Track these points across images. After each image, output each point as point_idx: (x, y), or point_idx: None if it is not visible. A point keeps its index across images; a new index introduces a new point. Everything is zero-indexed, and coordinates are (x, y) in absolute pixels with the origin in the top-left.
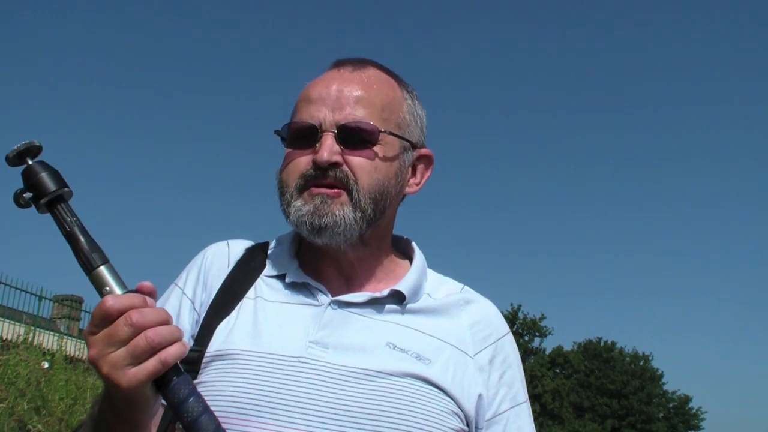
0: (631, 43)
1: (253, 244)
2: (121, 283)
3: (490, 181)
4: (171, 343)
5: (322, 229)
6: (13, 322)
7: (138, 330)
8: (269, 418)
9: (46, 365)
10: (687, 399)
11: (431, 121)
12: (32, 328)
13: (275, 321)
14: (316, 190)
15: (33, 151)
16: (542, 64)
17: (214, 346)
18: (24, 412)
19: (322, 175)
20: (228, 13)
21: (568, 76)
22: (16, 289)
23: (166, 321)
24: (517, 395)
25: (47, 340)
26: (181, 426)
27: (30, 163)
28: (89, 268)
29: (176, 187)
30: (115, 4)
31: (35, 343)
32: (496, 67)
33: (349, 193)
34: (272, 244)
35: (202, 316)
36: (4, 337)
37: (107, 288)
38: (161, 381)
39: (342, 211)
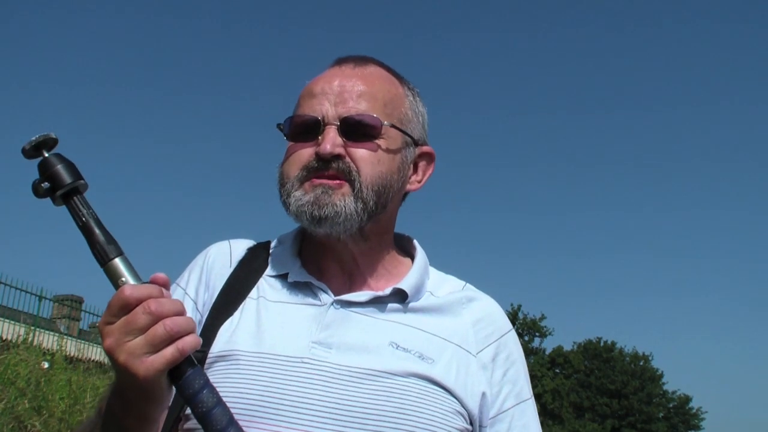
0: (631, 43)
1: (255, 243)
2: (136, 275)
3: (490, 181)
4: (187, 333)
5: (322, 220)
6: (13, 322)
7: (156, 318)
8: (272, 419)
9: (46, 365)
10: (687, 399)
11: (432, 120)
12: (32, 328)
13: (278, 321)
14: (317, 181)
15: (49, 143)
16: (542, 64)
17: (218, 346)
18: (24, 412)
19: (324, 167)
20: (228, 13)
21: (569, 76)
22: (16, 289)
23: (181, 312)
24: (522, 392)
25: (47, 340)
26: (193, 418)
27: (46, 155)
28: (104, 260)
29: (177, 187)
30: (116, 4)
31: (35, 343)
32: (496, 67)
33: (351, 184)
34: (274, 243)
35: (205, 317)
36: (4, 337)
37: (123, 279)
38: (176, 372)
39: (343, 202)
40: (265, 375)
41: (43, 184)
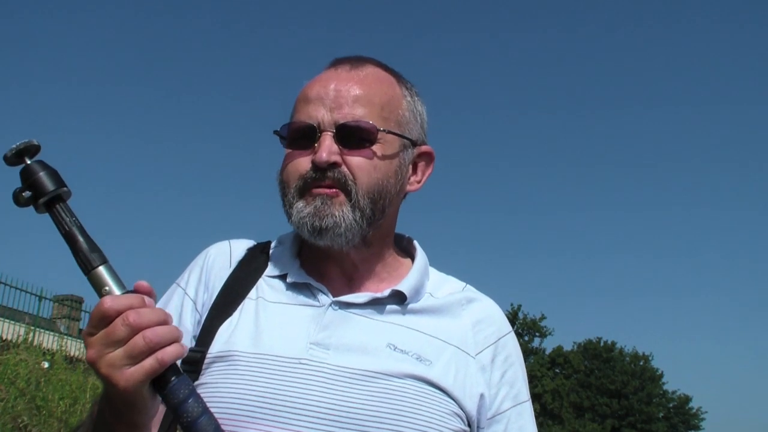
0: (631, 42)
1: (255, 243)
2: (120, 284)
3: (490, 181)
4: (169, 343)
5: (323, 231)
6: (13, 322)
7: (135, 330)
8: (269, 421)
9: (46, 365)
10: (687, 399)
11: (432, 119)
12: (32, 328)
13: (276, 322)
14: (316, 191)
15: (31, 150)
16: (542, 63)
17: (216, 347)
18: (24, 412)
19: (321, 176)
20: (228, 13)
21: (569, 75)
22: (16, 289)
23: (164, 321)
24: (519, 394)
25: (47, 340)
26: (180, 427)
27: (28, 162)
28: (88, 269)
29: (177, 187)
30: (116, 4)
31: (35, 343)
32: (497, 67)
33: (348, 193)
34: (274, 244)
35: (204, 317)
36: (4, 337)
37: (106, 288)
38: (160, 382)
39: (341, 212)
40: (262, 376)
41: (24, 193)
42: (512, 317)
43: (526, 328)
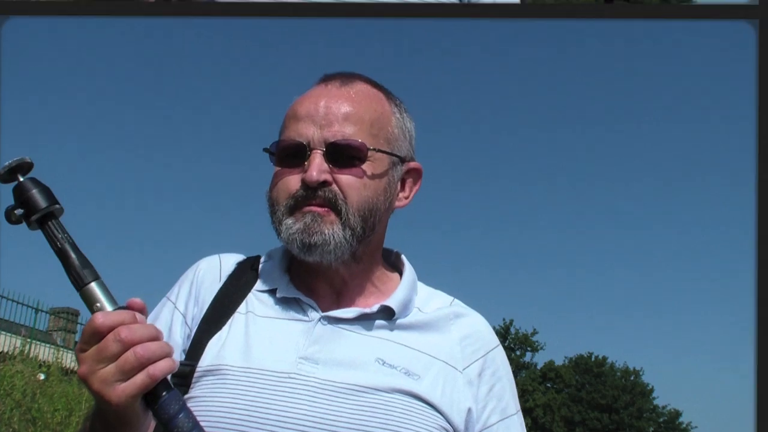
0: (630, 47)
1: (245, 258)
2: (112, 300)
3: (481, 194)
4: (160, 359)
5: (312, 247)
6: (9, 334)
7: (127, 346)
8: None
9: (42, 377)
10: (677, 414)
11: (422, 132)
12: (28, 340)
13: (266, 336)
14: (306, 209)
15: (24, 167)
16: (535, 72)
17: (206, 361)
18: (19, 424)
19: (311, 195)
20: (225, 23)
21: (561, 86)
22: (13, 301)
23: (155, 337)
24: (507, 408)
25: (43, 352)
26: None
27: (21, 179)
28: (80, 285)
29: (169, 200)
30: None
31: (31, 354)
32: (489, 75)
33: (338, 212)
34: (263, 259)
35: (194, 331)
36: (1, 349)
37: (98, 304)
38: (151, 397)
39: (331, 230)
40: (252, 390)
41: (16, 211)
42: (504, 332)
43: (517, 342)
